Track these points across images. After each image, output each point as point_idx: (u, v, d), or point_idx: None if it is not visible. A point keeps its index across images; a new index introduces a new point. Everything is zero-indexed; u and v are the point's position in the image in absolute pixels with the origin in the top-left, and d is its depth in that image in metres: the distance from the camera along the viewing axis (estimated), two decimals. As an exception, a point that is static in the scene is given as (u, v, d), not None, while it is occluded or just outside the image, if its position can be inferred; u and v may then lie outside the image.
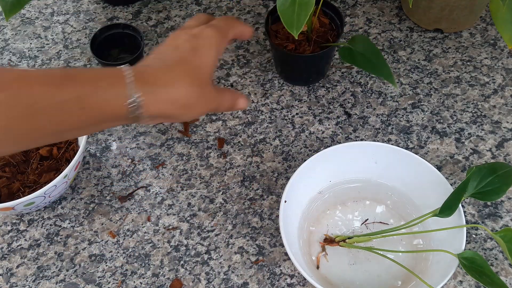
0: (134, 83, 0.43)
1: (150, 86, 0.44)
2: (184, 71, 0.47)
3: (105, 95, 0.43)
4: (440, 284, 0.53)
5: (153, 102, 0.44)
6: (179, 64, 0.47)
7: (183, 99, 0.46)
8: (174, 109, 0.46)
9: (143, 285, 0.63)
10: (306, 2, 0.58)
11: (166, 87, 0.45)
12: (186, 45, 0.49)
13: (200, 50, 0.49)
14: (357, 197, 0.67)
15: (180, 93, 0.46)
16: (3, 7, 0.65)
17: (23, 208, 0.62)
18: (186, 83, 0.46)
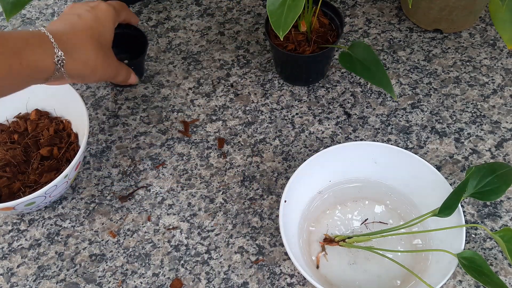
0: (57, 43, 0.50)
1: (68, 47, 0.51)
2: (91, 36, 0.54)
3: (37, 52, 0.49)
4: (439, 284, 0.54)
5: (71, 61, 0.52)
6: (85, 29, 0.54)
7: (92, 61, 0.54)
8: (85, 69, 0.54)
9: (143, 284, 0.63)
10: (295, 5, 0.58)
11: (80, 48, 0.53)
12: (87, 14, 0.56)
13: (101, 19, 0.56)
14: (356, 197, 0.67)
15: (90, 55, 0.53)
16: (4, 7, 0.66)
17: (23, 208, 0.62)
18: (94, 46, 0.54)
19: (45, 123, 0.72)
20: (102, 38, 0.56)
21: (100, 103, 0.79)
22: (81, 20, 0.55)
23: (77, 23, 0.54)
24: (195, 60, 0.83)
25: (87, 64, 0.53)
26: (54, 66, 0.50)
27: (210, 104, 0.78)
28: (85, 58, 0.53)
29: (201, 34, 0.87)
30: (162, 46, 0.85)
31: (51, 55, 0.50)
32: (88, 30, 0.54)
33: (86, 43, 0.53)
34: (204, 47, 0.85)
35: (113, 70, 0.59)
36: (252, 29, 0.87)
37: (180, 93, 0.80)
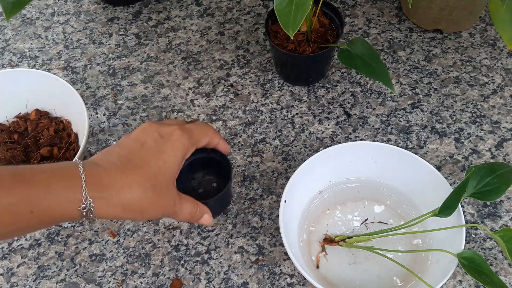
0: (87, 188, 0.42)
1: (103, 191, 0.43)
2: (143, 175, 0.45)
3: (57, 200, 0.41)
4: (439, 284, 0.53)
5: (105, 206, 0.43)
6: (139, 166, 0.45)
7: (136, 205, 0.45)
8: (125, 214, 0.45)
9: (143, 284, 0.63)
10: (303, 3, 0.58)
11: (120, 192, 0.44)
12: (152, 144, 0.47)
13: (165, 153, 0.47)
14: (356, 197, 0.67)
15: (134, 198, 0.44)
16: (4, 7, 0.66)
17: None
18: (141, 188, 0.45)
19: (45, 123, 0.72)
20: (159, 177, 0.46)
21: (100, 103, 0.79)
22: (140, 152, 0.46)
23: (131, 156, 0.46)
24: (195, 60, 0.83)
25: (127, 209, 0.44)
26: (79, 213, 0.42)
27: (210, 104, 0.78)
28: (127, 202, 0.44)
29: (201, 34, 0.87)
30: (162, 46, 0.85)
31: (77, 202, 0.42)
32: (142, 167, 0.45)
33: (133, 184, 0.44)
34: (204, 47, 0.85)
35: (169, 211, 0.49)
36: (252, 29, 0.87)
37: (180, 93, 0.80)
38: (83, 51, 0.85)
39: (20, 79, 0.71)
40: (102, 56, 0.84)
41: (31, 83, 0.71)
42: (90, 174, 0.43)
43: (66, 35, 0.88)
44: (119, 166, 0.45)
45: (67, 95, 0.69)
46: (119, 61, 0.84)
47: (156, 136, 0.48)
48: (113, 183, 0.44)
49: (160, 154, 0.47)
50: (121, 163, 0.45)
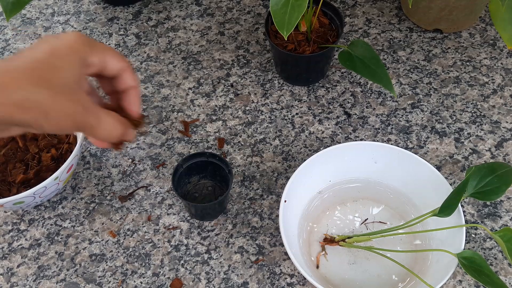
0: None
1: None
2: (34, 70, 0.40)
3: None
4: (439, 284, 0.53)
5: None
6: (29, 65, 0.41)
7: (31, 101, 0.39)
8: (23, 113, 0.40)
9: (143, 284, 0.63)
10: (299, 4, 0.58)
11: (7, 88, 0.39)
12: (43, 45, 0.42)
13: (58, 51, 0.42)
14: (356, 197, 0.67)
15: (26, 93, 0.39)
16: (4, 7, 0.66)
17: (12, 206, 0.62)
18: (33, 83, 0.40)
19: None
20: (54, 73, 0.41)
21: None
22: (29, 52, 0.42)
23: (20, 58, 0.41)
24: (195, 60, 0.83)
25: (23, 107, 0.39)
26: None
27: (210, 104, 0.78)
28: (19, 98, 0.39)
29: (201, 34, 0.87)
30: (162, 46, 0.85)
31: None
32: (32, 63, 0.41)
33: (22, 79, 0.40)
34: (204, 47, 0.85)
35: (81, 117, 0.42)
36: (252, 29, 0.87)
37: (180, 93, 0.80)
38: (83, 51, 0.85)
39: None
40: (102, 56, 0.84)
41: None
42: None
43: (66, 35, 0.87)
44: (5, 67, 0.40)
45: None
46: (119, 61, 0.84)
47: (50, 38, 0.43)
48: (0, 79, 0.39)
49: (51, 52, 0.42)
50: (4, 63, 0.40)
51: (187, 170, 0.67)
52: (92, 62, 0.45)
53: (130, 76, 0.48)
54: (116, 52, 0.46)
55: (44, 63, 0.41)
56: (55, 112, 0.40)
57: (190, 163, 0.66)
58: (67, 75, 0.42)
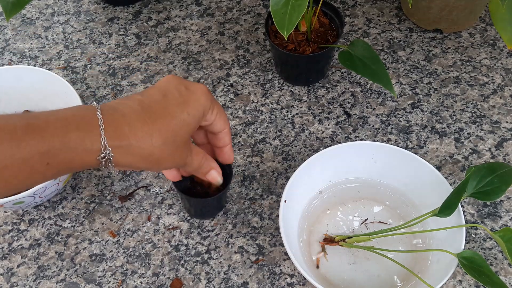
0: (106, 136, 0.40)
1: (123, 139, 0.41)
2: (165, 125, 0.43)
3: (74, 151, 0.39)
4: (439, 284, 0.54)
5: (124, 155, 0.41)
6: (161, 116, 0.43)
7: (155, 156, 0.43)
8: (143, 164, 0.43)
9: (143, 284, 0.63)
10: (299, 4, 0.58)
11: (140, 141, 0.42)
12: (176, 94, 0.45)
13: (190, 105, 0.45)
14: (356, 197, 0.67)
15: (154, 149, 0.42)
16: (4, 7, 0.66)
17: (12, 206, 0.62)
18: (163, 139, 0.43)
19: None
20: (180, 130, 0.44)
21: (100, 103, 0.79)
22: (163, 102, 0.43)
23: (154, 105, 0.43)
24: (195, 60, 0.83)
25: (146, 159, 0.43)
26: (98, 162, 0.40)
27: (210, 104, 0.78)
28: (147, 152, 0.42)
29: (201, 34, 0.87)
30: (162, 46, 0.85)
31: (95, 151, 0.40)
32: (167, 117, 0.43)
33: (154, 135, 0.42)
34: (204, 47, 0.85)
35: (182, 162, 0.47)
36: (252, 29, 0.87)
37: (180, 93, 0.80)
38: (83, 51, 0.85)
39: (21, 77, 0.71)
40: (102, 56, 0.84)
41: (32, 81, 0.71)
42: (108, 122, 0.40)
43: (66, 35, 0.88)
44: (140, 113, 0.42)
45: (67, 95, 0.69)
46: (119, 61, 0.84)
47: (181, 87, 0.45)
48: (134, 131, 0.41)
49: (185, 105, 0.44)
50: (142, 109, 0.42)
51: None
52: (209, 118, 0.49)
53: (229, 136, 0.54)
54: (225, 113, 0.51)
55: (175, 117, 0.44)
56: (168, 163, 0.46)
57: None
58: (189, 130, 0.46)
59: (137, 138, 0.41)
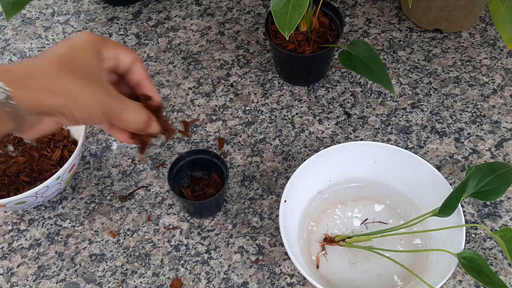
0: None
1: (16, 77, 0.39)
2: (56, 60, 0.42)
3: None
4: (439, 284, 0.54)
5: (23, 90, 0.39)
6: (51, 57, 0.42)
7: (61, 86, 0.41)
8: (53, 98, 0.40)
9: (143, 284, 0.63)
10: (299, 4, 0.58)
11: (35, 76, 0.40)
12: (61, 43, 0.44)
13: (77, 45, 0.44)
14: (356, 197, 0.67)
15: (54, 80, 0.40)
16: (4, 7, 0.66)
17: (14, 206, 0.62)
18: (60, 70, 0.41)
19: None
20: (78, 64, 0.43)
21: (100, 103, 0.79)
22: (50, 51, 0.43)
23: (41, 55, 0.43)
24: (195, 60, 0.83)
25: (53, 92, 0.40)
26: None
27: (210, 104, 0.78)
28: (48, 84, 0.40)
29: (201, 34, 0.87)
30: (162, 46, 0.85)
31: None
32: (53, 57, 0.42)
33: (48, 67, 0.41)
34: (204, 47, 0.85)
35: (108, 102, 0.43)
36: (252, 29, 0.87)
37: (180, 93, 0.80)
38: (83, 51, 0.85)
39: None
40: (102, 56, 0.84)
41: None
42: None
43: (66, 35, 0.88)
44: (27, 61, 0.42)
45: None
46: (119, 61, 0.84)
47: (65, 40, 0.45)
48: (25, 69, 0.40)
49: (71, 47, 0.43)
50: (29, 59, 0.42)
51: (190, 163, 0.67)
52: (107, 55, 0.47)
53: (141, 66, 0.49)
54: (126, 47, 0.49)
55: (65, 55, 0.43)
56: (83, 97, 0.42)
57: (194, 157, 0.67)
58: (88, 64, 0.44)
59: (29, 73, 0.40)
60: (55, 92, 0.40)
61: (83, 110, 0.42)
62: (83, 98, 0.42)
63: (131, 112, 0.45)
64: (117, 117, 0.45)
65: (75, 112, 0.42)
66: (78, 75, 0.42)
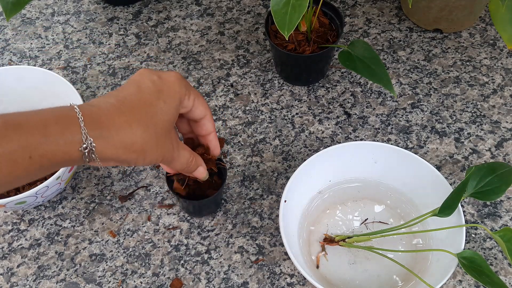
0: (86, 127, 0.40)
1: (103, 129, 0.41)
2: (142, 113, 0.44)
3: (55, 143, 0.39)
4: (439, 284, 0.54)
5: (106, 146, 0.42)
6: (137, 106, 0.44)
7: (138, 144, 0.43)
8: (128, 154, 0.43)
9: (143, 284, 0.63)
10: (299, 4, 0.58)
11: (120, 130, 0.42)
12: (150, 85, 0.46)
13: (164, 93, 0.46)
14: (356, 197, 0.67)
15: (135, 137, 0.43)
16: (4, 7, 0.66)
17: (14, 206, 0.62)
18: (142, 127, 0.43)
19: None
20: (159, 117, 0.45)
21: (100, 103, 0.79)
22: (138, 94, 0.45)
23: (129, 97, 0.44)
24: (195, 60, 0.83)
25: (130, 149, 0.43)
26: (80, 155, 0.41)
27: (210, 104, 0.78)
28: (128, 141, 0.42)
29: (201, 34, 0.87)
30: (162, 46, 0.85)
31: (77, 143, 0.40)
32: (142, 107, 0.44)
33: (133, 123, 0.43)
34: (204, 47, 0.85)
35: (169, 156, 0.47)
36: (252, 29, 0.87)
37: (180, 93, 0.80)
38: (83, 51, 0.85)
39: (21, 77, 0.71)
40: (102, 56, 0.84)
41: (32, 81, 0.71)
42: (87, 114, 0.41)
43: (66, 35, 0.88)
44: (116, 105, 0.43)
45: (67, 95, 0.69)
46: (119, 61, 0.84)
47: (154, 77, 0.46)
48: (112, 122, 0.42)
49: (160, 94, 0.45)
50: (117, 102, 0.43)
51: None
52: (187, 104, 0.49)
53: (211, 123, 0.54)
54: (203, 100, 0.52)
55: (152, 105, 0.45)
56: (153, 153, 0.45)
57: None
58: (169, 118, 0.46)
59: (116, 128, 0.42)
60: (132, 150, 0.43)
61: (148, 161, 0.46)
62: (153, 153, 0.45)
63: (182, 159, 0.51)
64: (169, 164, 0.50)
65: (139, 163, 0.45)
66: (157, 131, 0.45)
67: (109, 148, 0.42)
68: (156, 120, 0.45)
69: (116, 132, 0.42)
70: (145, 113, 0.44)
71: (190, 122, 0.55)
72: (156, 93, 0.45)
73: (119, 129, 0.42)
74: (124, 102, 0.44)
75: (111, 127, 0.42)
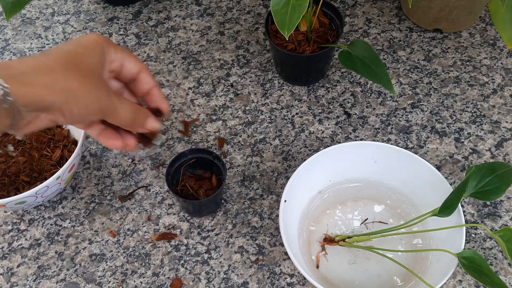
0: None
1: (16, 71, 0.38)
2: (60, 56, 0.42)
3: None
4: (439, 284, 0.54)
5: (23, 86, 0.38)
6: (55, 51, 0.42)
7: (61, 81, 0.40)
8: (53, 94, 0.40)
9: (143, 284, 0.63)
10: (299, 4, 0.58)
11: (36, 70, 0.39)
12: (69, 42, 0.45)
13: (83, 43, 0.44)
14: (356, 197, 0.67)
15: (55, 74, 0.40)
16: (4, 7, 0.66)
17: (14, 206, 0.62)
18: (62, 65, 0.41)
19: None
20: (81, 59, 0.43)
21: (100, 103, 0.79)
22: (57, 48, 0.43)
23: (48, 51, 0.43)
24: (195, 60, 0.83)
25: (53, 88, 0.40)
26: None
27: (210, 104, 0.78)
28: (49, 80, 0.40)
29: (201, 34, 0.87)
30: (162, 46, 0.85)
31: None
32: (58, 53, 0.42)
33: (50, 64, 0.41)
34: (204, 47, 0.85)
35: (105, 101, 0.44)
36: (252, 29, 0.87)
37: (180, 93, 0.80)
38: (83, 51, 0.85)
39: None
40: (102, 56, 0.84)
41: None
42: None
43: (66, 35, 0.88)
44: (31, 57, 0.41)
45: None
46: (119, 61, 0.84)
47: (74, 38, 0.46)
48: (26, 64, 0.39)
49: (77, 43, 0.44)
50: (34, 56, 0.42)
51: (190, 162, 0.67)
52: (114, 57, 0.47)
53: (148, 76, 0.50)
54: (134, 55, 0.49)
55: (71, 52, 0.43)
56: (83, 95, 0.42)
57: (196, 156, 0.67)
58: (92, 61, 0.44)
59: (31, 68, 0.39)
60: (56, 89, 0.40)
61: (83, 106, 0.42)
62: (84, 95, 0.42)
63: (126, 108, 0.46)
64: (112, 114, 0.45)
65: (74, 109, 0.41)
66: (81, 72, 0.42)
67: (26, 88, 0.38)
68: (77, 62, 0.42)
69: (33, 71, 0.39)
70: (65, 57, 0.42)
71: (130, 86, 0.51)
72: (75, 44, 0.44)
73: (35, 69, 0.40)
74: (43, 53, 0.42)
75: (27, 71, 0.39)
